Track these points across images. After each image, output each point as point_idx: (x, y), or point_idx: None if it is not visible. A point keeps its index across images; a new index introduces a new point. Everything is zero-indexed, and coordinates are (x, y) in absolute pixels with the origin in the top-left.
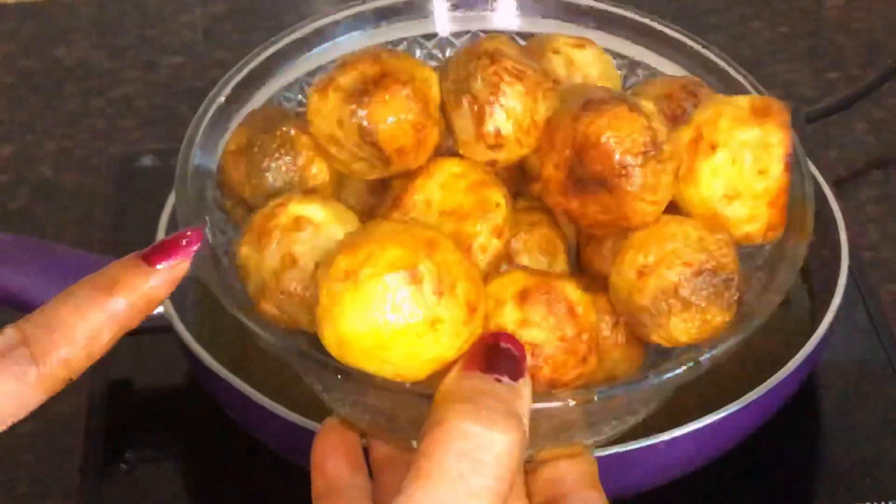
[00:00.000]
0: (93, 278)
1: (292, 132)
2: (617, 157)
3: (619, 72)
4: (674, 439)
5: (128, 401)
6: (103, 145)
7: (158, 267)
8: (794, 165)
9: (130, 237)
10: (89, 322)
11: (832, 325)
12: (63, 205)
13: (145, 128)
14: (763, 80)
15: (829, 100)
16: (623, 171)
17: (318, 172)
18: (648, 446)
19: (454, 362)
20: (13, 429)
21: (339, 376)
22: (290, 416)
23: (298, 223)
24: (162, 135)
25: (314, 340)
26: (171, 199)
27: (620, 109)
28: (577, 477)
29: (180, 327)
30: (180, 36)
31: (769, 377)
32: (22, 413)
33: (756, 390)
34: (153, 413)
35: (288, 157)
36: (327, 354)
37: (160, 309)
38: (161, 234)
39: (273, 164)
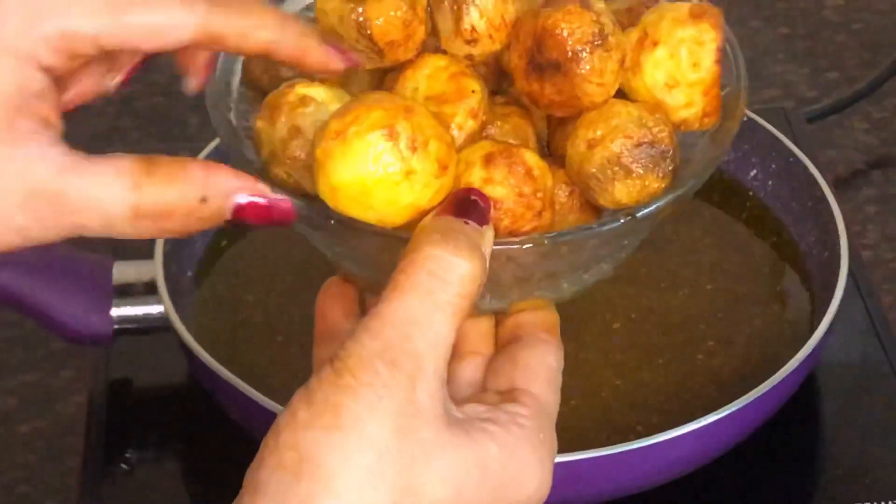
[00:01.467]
0: None
1: None
2: (569, 44)
3: None
4: (674, 439)
5: (128, 401)
6: (103, 145)
7: None
8: (729, 62)
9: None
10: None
11: (832, 325)
12: None
13: (145, 128)
14: (763, 80)
15: (829, 100)
16: (574, 57)
17: None
18: (648, 446)
19: (428, 210)
20: (13, 429)
21: (332, 221)
22: None
23: (304, 101)
24: (162, 135)
25: (315, 201)
26: None
27: (573, 6)
28: (537, 323)
29: (180, 327)
30: None
31: (769, 377)
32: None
33: (756, 390)
34: (153, 413)
35: None
36: (325, 210)
37: (160, 308)
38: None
39: None
